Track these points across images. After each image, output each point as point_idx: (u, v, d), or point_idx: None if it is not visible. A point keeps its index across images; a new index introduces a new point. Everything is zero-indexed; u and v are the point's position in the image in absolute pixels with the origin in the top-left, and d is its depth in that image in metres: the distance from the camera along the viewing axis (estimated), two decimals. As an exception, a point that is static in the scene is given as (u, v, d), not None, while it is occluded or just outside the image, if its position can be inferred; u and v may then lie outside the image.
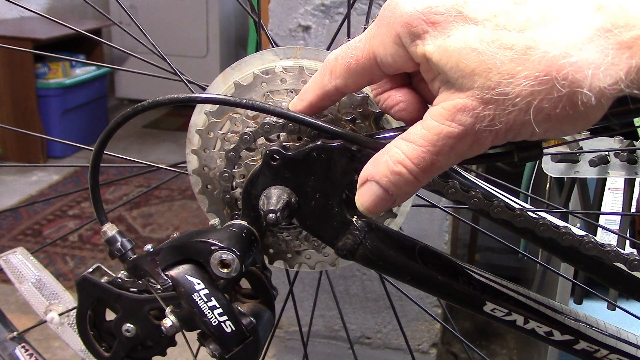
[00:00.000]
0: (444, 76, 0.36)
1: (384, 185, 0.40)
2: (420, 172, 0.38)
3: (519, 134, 0.35)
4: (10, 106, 3.29)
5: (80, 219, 2.71)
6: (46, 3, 3.99)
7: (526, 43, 0.33)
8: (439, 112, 0.36)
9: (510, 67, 0.33)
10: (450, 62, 0.35)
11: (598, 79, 0.32)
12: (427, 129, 0.37)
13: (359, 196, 0.42)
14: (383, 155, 0.40)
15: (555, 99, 0.33)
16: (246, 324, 0.49)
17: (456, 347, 1.87)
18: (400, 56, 0.38)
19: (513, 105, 0.34)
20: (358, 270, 1.50)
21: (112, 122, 0.49)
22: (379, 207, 0.41)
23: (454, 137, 0.36)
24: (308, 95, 0.45)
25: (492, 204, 0.49)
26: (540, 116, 0.34)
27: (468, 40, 0.34)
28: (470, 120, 0.35)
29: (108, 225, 0.53)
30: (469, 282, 0.51)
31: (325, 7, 1.31)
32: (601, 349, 0.52)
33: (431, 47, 0.36)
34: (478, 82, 0.34)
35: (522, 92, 0.33)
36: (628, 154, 0.92)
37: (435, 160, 0.37)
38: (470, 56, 0.34)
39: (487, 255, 2.34)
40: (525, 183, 1.42)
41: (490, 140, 0.36)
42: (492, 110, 0.34)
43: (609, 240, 0.97)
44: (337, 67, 0.42)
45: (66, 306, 0.66)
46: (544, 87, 0.33)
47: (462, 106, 0.35)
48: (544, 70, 0.32)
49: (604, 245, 0.51)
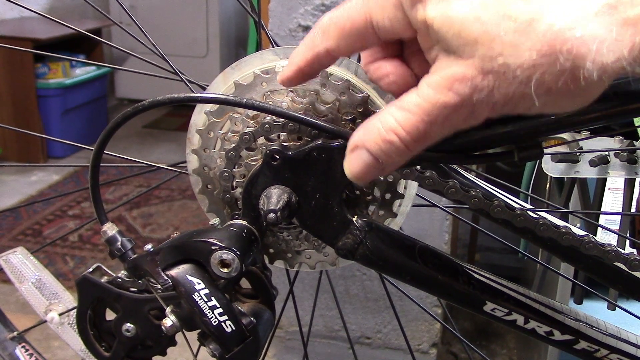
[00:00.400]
0: (444, 44, 0.35)
1: (375, 152, 0.39)
2: (412, 141, 0.37)
3: (516, 107, 0.35)
4: (10, 106, 3.29)
5: (80, 218, 2.71)
6: (46, 3, 3.99)
7: (531, 14, 0.32)
8: (436, 81, 0.35)
9: (514, 37, 0.32)
10: (452, 29, 0.34)
11: (601, 54, 0.31)
12: (422, 97, 0.36)
13: (347, 163, 0.41)
14: (375, 121, 0.39)
15: (557, 72, 0.32)
16: (246, 324, 0.49)
17: (456, 347, 1.87)
18: (398, 20, 0.37)
19: (514, 77, 0.33)
20: (358, 270, 1.50)
21: (112, 122, 0.49)
22: (367, 175, 0.40)
23: (449, 106, 0.35)
24: (296, 58, 0.43)
25: (492, 204, 0.49)
26: (541, 89, 0.33)
27: (472, 8, 0.34)
28: (467, 91, 0.34)
29: (108, 225, 0.53)
30: (469, 281, 0.51)
31: (325, 7, 1.31)
32: (601, 348, 0.53)
33: (432, 13, 0.35)
34: (479, 51, 0.33)
35: (524, 63, 0.32)
36: (628, 154, 0.92)
37: (429, 130, 0.36)
38: (474, 24, 0.33)
39: (487, 255, 2.34)
40: (525, 183, 1.42)
41: (486, 112, 0.35)
42: (491, 81, 0.34)
43: (609, 240, 0.97)
44: (330, 27, 0.41)
45: (66, 306, 0.66)
46: (546, 60, 0.32)
47: (460, 75, 0.34)
48: (548, 43, 0.32)
49: (604, 245, 0.51)
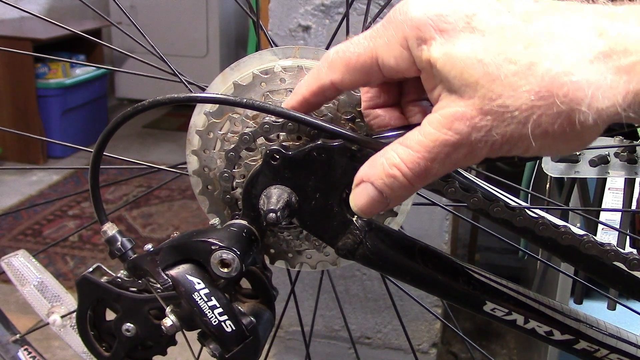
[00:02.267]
0: (446, 84, 0.36)
1: (379, 187, 0.40)
2: (414, 177, 0.39)
3: (514, 147, 0.36)
4: (10, 106, 3.29)
5: (81, 219, 2.71)
6: (46, 3, 3.99)
7: (531, 58, 0.34)
8: (437, 120, 0.37)
9: (513, 80, 0.34)
10: (454, 69, 0.35)
11: (597, 99, 0.33)
12: (423, 135, 0.37)
13: (353, 196, 0.43)
14: (380, 158, 0.40)
15: (554, 114, 0.33)
16: (246, 324, 0.49)
17: (456, 347, 1.87)
18: (403, 59, 0.38)
19: (512, 118, 0.34)
20: (358, 270, 1.50)
21: (112, 122, 0.49)
22: (372, 209, 0.42)
23: (449, 145, 0.36)
24: (302, 89, 0.45)
25: (491, 204, 0.49)
26: (538, 131, 0.34)
27: (474, 50, 0.35)
28: (466, 130, 0.36)
29: (108, 225, 0.53)
30: (469, 281, 0.51)
31: (325, 7, 1.31)
32: (601, 348, 0.53)
33: (437, 53, 0.36)
34: (480, 92, 0.35)
35: (522, 105, 0.34)
36: (628, 154, 0.92)
37: (430, 167, 0.38)
38: (475, 66, 0.35)
39: (487, 255, 2.34)
40: (526, 183, 1.42)
41: (485, 151, 0.36)
42: (490, 121, 0.35)
43: (609, 240, 0.97)
44: (336, 61, 0.42)
45: (68, 308, 0.66)
46: (544, 103, 0.33)
47: (460, 114, 0.36)
48: (546, 86, 0.33)
49: (604, 245, 0.51)
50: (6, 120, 3.27)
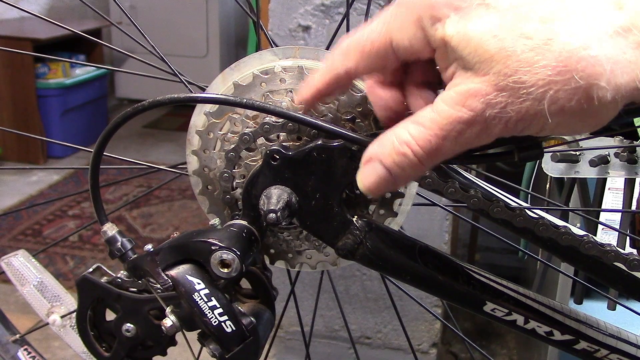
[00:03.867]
0: (461, 61, 0.36)
1: (388, 165, 0.39)
2: (425, 156, 0.38)
3: (529, 125, 0.35)
4: (10, 106, 3.29)
5: (81, 219, 2.71)
6: (46, 3, 3.99)
7: (547, 34, 0.33)
8: (450, 96, 0.36)
9: (530, 55, 0.33)
10: (469, 46, 0.35)
11: (615, 75, 0.32)
12: (436, 112, 0.37)
13: (361, 175, 0.41)
14: (390, 136, 0.39)
15: (571, 90, 0.33)
16: (246, 324, 0.49)
17: (456, 347, 1.87)
18: (417, 39, 0.38)
19: (528, 94, 0.34)
20: (358, 270, 1.50)
21: (112, 122, 0.49)
22: (379, 188, 0.41)
23: (463, 122, 0.36)
24: (315, 80, 0.45)
25: (491, 204, 0.49)
26: (554, 107, 0.34)
27: (489, 26, 0.34)
28: (481, 106, 0.35)
29: (108, 225, 0.53)
30: (469, 281, 0.51)
31: (325, 7, 1.31)
32: (601, 348, 0.52)
33: (451, 31, 0.36)
34: (495, 68, 0.34)
35: (538, 81, 0.33)
36: (628, 154, 0.92)
37: (442, 145, 0.37)
38: (490, 42, 0.34)
39: (487, 255, 2.34)
40: (526, 183, 1.42)
41: (499, 129, 0.36)
42: (505, 98, 0.34)
43: (609, 241, 0.97)
44: (351, 49, 0.42)
45: (68, 308, 0.66)
46: (561, 78, 0.33)
47: (475, 91, 0.35)
48: (563, 61, 0.33)
49: (604, 245, 0.51)
50: (6, 120, 3.28)
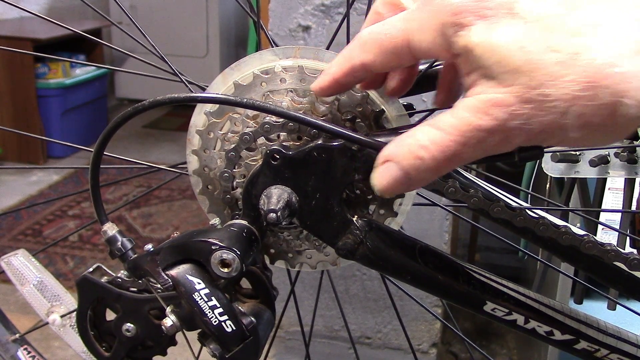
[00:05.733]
0: (484, 70, 0.35)
1: (404, 167, 0.39)
2: (442, 160, 0.38)
3: (550, 137, 0.35)
4: (10, 106, 3.29)
5: (81, 218, 2.71)
6: (46, 3, 3.99)
7: (575, 47, 0.33)
8: (473, 104, 0.36)
9: (556, 69, 0.33)
10: (494, 56, 0.35)
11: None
12: (457, 118, 0.36)
13: (376, 176, 0.41)
14: (408, 138, 0.39)
15: (596, 106, 0.33)
16: (246, 324, 0.49)
17: (456, 347, 1.87)
18: (436, 45, 0.38)
19: (552, 108, 0.33)
20: (358, 270, 1.50)
21: (112, 122, 0.49)
22: (394, 189, 0.41)
23: (483, 130, 0.35)
24: (333, 69, 0.45)
25: (491, 204, 0.49)
26: (578, 122, 0.33)
27: (516, 37, 0.34)
28: (503, 117, 0.35)
29: (108, 225, 0.53)
30: (469, 281, 0.51)
31: (325, 7, 1.31)
32: (601, 348, 0.52)
33: (476, 39, 0.35)
34: (520, 79, 0.34)
35: (564, 95, 0.33)
36: (628, 154, 0.92)
37: (460, 151, 0.37)
38: (517, 53, 0.34)
39: (487, 255, 2.34)
40: (526, 183, 1.42)
41: (520, 140, 0.36)
42: (529, 110, 0.34)
43: (609, 240, 0.97)
44: (369, 42, 0.41)
45: (68, 308, 0.66)
46: (587, 94, 0.33)
47: (498, 101, 0.35)
48: (590, 77, 0.32)
49: (604, 245, 0.51)
50: (6, 120, 3.28)
